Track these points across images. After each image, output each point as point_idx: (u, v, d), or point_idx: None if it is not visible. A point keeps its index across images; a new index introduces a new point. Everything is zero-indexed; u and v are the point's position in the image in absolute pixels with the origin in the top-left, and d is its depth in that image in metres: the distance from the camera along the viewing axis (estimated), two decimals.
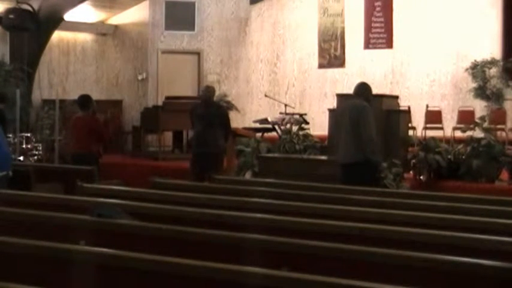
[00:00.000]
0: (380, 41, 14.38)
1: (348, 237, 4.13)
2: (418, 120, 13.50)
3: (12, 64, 13.84)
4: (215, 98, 14.73)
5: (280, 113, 14.03)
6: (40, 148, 12.88)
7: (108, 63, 16.40)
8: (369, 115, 7.63)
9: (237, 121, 15.16)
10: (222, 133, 9.62)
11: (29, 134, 12.88)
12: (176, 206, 5.15)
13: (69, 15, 14.91)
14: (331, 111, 11.19)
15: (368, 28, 14.43)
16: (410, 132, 12.25)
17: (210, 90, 10.09)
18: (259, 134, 12.61)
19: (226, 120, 9.96)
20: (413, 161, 10.20)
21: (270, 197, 5.68)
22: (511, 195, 7.42)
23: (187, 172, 9.91)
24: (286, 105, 14.01)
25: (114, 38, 16.35)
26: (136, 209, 5.01)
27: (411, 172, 10.22)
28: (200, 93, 10.04)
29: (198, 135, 9.79)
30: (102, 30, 16.32)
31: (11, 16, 13.68)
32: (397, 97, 12.06)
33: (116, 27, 16.32)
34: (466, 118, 12.97)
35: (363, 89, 7.94)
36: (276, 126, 13.20)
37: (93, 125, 9.66)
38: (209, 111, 9.63)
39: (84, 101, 9.86)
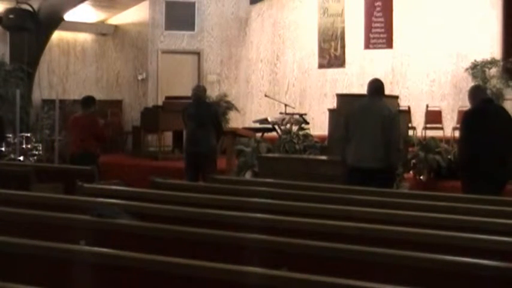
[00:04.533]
0: (380, 41, 14.38)
1: (348, 237, 4.12)
2: (418, 120, 13.51)
3: (12, 64, 13.85)
4: (215, 98, 14.90)
5: (280, 113, 14.04)
6: (40, 148, 12.89)
7: (108, 63, 16.40)
8: (399, 123, 7.47)
9: (237, 121, 15.17)
10: (213, 132, 9.61)
11: (29, 134, 12.89)
12: (176, 206, 5.15)
13: (69, 15, 14.91)
14: (331, 111, 11.18)
15: (368, 28, 14.43)
16: (410, 132, 12.25)
17: (201, 90, 10.06)
18: (259, 134, 12.62)
19: (218, 119, 9.95)
20: (413, 161, 10.21)
21: (270, 197, 5.67)
22: (511, 195, 7.41)
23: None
24: (286, 105, 14.01)
25: (114, 38, 16.35)
26: (137, 209, 5.01)
27: (411, 172, 10.23)
28: (191, 92, 10.00)
29: (190, 135, 9.79)
30: (102, 30, 16.32)
31: (11, 16, 13.69)
32: (397, 97, 12.06)
33: (116, 27, 16.32)
34: None
35: (382, 87, 7.53)
36: (276, 126, 13.21)
37: (90, 124, 9.64)
38: (200, 110, 9.62)
39: (87, 101, 9.90)
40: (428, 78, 14.47)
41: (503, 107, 7.74)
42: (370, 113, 7.39)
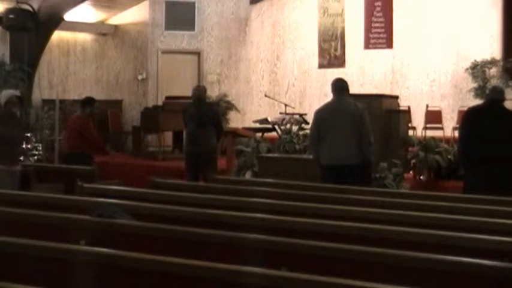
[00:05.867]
0: (380, 41, 14.37)
1: (348, 237, 4.13)
2: (418, 120, 13.50)
3: (12, 64, 13.84)
4: (215, 98, 14.89)
5: (280, 113, 14.03)
6: (40, 148, 12.89)
7: (108, 63, 16.40)
8: (367, 117, 7.66)
9: (237, 121, 15.16)
10: (214, 132, 9.62)
11: (29, 134, 12.88)
12: (176, 206, 5.15)
13: (69, 15, 14.91)
14: None
15: (368, 28, 14.42)
16: (410, 132, 12.24)
17: (201, 90, 10.08)
18: (259, 134, 12.61)
19: (218, 119, 9.96)
20: (413, 161, 10.21)
21: (270, 197, 5.67)
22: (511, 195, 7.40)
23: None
24: (286, 105, 14.00)
25: (114, 38, 16.35)
26: (136, 209, 5.01)
27: (411, 172, 10.22)
28: (192, 92, 10.02)
29: (190, 135, 9.81)
30: (102, 30, 16.32)
31: (11, 16, 13.68)
32: (397, 97, 12.06)
33: (116, 27, 16.32)
34: None
35: (346, 85, 7.85)
36: (276, 126, 13.20)
37: (80, 125, 9.63)
38: (200, 110, 9.63)
39: (85, 101, 9.93)
40: (428, 78, 14.47)
41: (508, 109, 7.64)
42: (338, 112, 7.66)
